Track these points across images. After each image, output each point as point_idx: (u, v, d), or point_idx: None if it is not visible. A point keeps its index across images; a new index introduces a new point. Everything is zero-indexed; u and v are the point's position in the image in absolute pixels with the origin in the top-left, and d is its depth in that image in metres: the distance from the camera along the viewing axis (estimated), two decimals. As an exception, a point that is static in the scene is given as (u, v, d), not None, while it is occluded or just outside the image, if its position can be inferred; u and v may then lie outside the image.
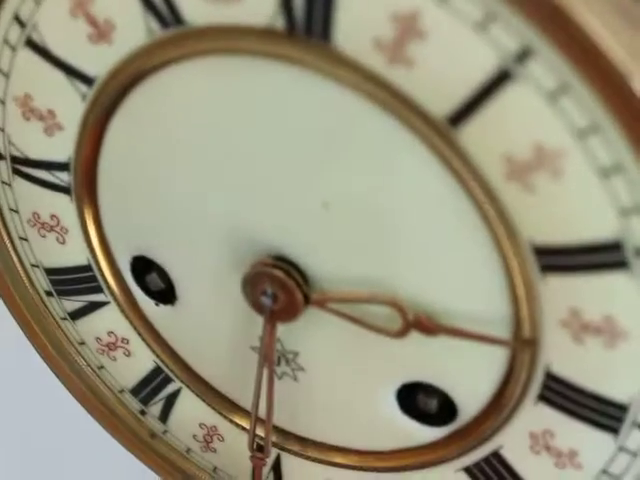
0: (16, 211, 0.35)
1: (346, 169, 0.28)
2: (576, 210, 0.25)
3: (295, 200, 0.29)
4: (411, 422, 0.33)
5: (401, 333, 0.30)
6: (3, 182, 0.35)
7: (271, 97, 0.28)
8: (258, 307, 0.31)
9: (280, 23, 0.26)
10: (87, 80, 0.31)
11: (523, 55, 0.24)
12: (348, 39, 0.26)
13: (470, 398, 0.31)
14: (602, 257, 0.26)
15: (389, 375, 0.32)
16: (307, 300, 0.31)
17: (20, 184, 0.35)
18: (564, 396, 0.29)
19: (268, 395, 0.33)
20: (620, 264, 0.25)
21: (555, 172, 0.25)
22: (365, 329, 0.31)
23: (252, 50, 0.27)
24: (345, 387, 0.33)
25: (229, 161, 0.30)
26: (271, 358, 0.32)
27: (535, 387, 0.29)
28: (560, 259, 0.26)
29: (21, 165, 0.34)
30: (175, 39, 0.28)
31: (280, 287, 0.30)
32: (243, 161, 0.30)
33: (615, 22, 0.23)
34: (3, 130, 0.33)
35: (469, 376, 0.30)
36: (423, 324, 0.29)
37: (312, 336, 0.32)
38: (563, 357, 0.28)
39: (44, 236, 0.35)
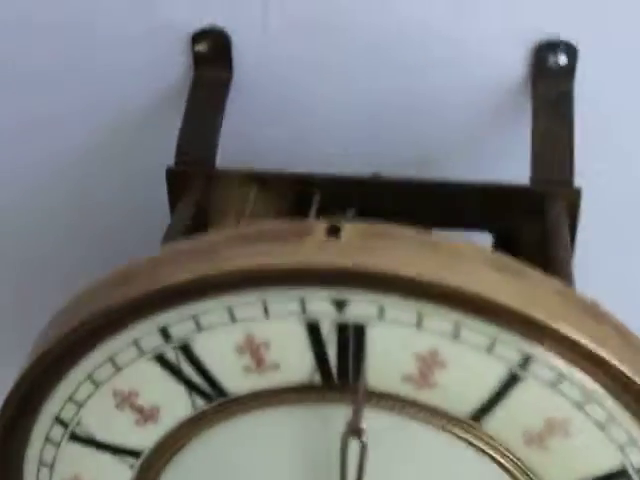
0: None
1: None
2: (587, 454, 0.32)
3: None
4: None
5: None
6: None
7: (300, 433, 0.34)
8: None
9: (317, 378, 0.32)
10: (134, 454, 0.35)
11: (525, 361, 0.31)
12: (379, 379, 0.32)
13: None
14: (613, 481, 0.33)
15: None
16: None
17: None
18: None
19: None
20: (627, 480, 0.33)
21: (565, 433, 0.32)
22: None
23: (290, 402, 0.33)
24: None
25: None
26: None
27: None
28: (579, 488, 0.33)
29: None
30: (219, 408, 0.34)
31: None
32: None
33: (587, 321, 0.30)
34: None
35: None
36: None
37: None
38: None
39: None
